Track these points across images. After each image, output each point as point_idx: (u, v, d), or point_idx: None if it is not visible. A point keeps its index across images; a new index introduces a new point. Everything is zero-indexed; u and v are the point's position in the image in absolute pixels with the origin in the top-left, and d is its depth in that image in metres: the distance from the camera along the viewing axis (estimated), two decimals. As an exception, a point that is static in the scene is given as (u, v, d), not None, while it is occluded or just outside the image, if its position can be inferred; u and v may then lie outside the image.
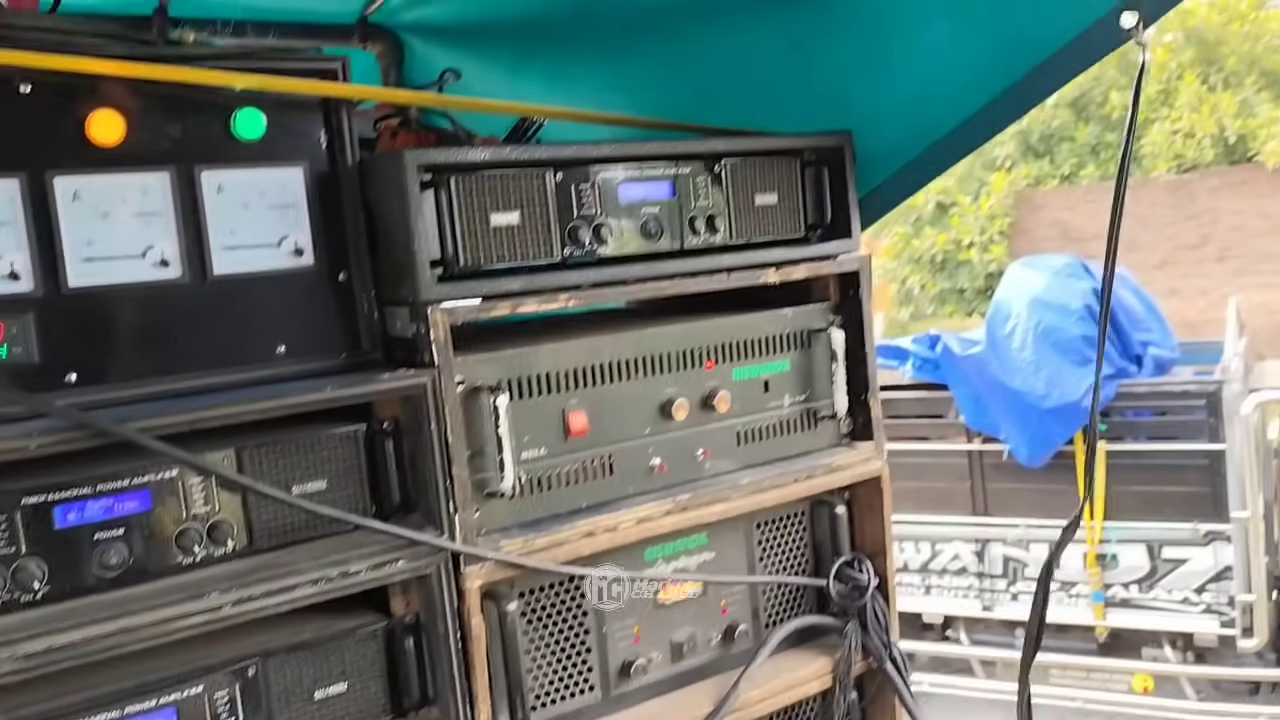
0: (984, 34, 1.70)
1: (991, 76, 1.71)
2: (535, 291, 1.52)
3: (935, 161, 1.88)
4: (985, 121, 1.77)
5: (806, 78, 1.93)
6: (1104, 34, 1.55)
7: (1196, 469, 7.48)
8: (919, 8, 1.73)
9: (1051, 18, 1.60)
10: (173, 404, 1.31)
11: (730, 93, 2.06)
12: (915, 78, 1.80)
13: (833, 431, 1.87)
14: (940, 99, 1.79)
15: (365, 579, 1.38)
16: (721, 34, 2.02)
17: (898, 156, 1.88)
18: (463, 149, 1.47)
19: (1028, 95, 1.71)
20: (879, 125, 1.83)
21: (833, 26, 1.85)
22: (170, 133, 1.38)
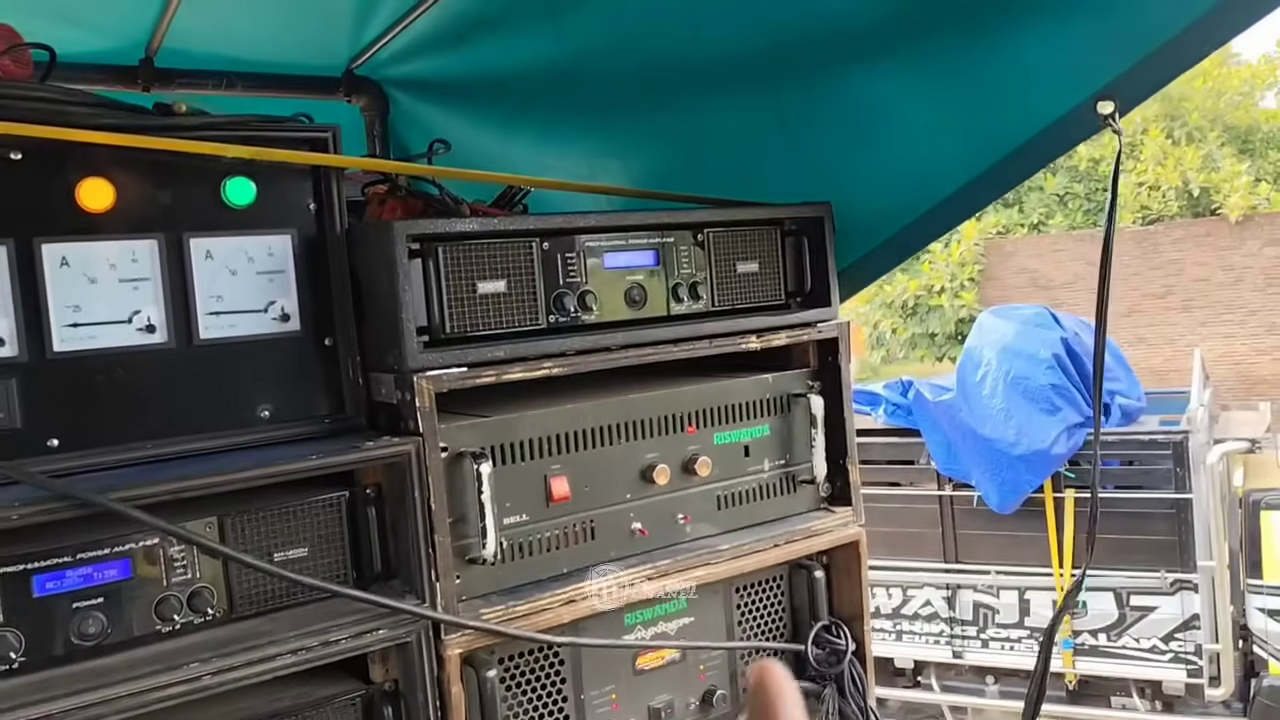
0: (963, 120, 1.75)
1: (970, 160, 1.76)
2: (520, 359, 1.53)
3: (916, 236, 1.92)
4: (965, 200, 1.81)
5: (793, 153, 1.97)
6: (1081, 120, 1.59)
7: (1163, 518, 7.57)
8: (899, 94, 1.78)
9: (1029, 105, 1.65)
10: (156, 471, 1.31)
11: (719, 164, 2.10)
12: (896, 158, 1.85)
13: (812, 496, 1.88)
14: (920, 179, 1.83)
15: (346, 648, 1.37)
16: (711, 108, 2.07)
17: (879, 231, 1.92)
18: (451, 220, 1.48)
19: (1006, 177, 1.76)
20: (862, 200, 1.88)
21: (817, 108, 1.89)
22: (160, 200, 1.39)
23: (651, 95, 2.16)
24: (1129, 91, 1.54)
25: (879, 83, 1.79)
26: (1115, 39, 1.53)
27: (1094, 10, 1.53)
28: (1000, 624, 8.25)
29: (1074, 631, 7.93)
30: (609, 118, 2.30)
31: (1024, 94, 1.64)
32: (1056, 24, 1.58)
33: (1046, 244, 17.54)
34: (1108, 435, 7.74)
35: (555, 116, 2.43)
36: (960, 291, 17.34)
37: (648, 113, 2.20)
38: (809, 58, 1.87)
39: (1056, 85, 1.62)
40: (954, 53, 1.71)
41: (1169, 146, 16.98)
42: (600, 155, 2.38)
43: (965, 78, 1.73)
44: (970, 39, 1.69)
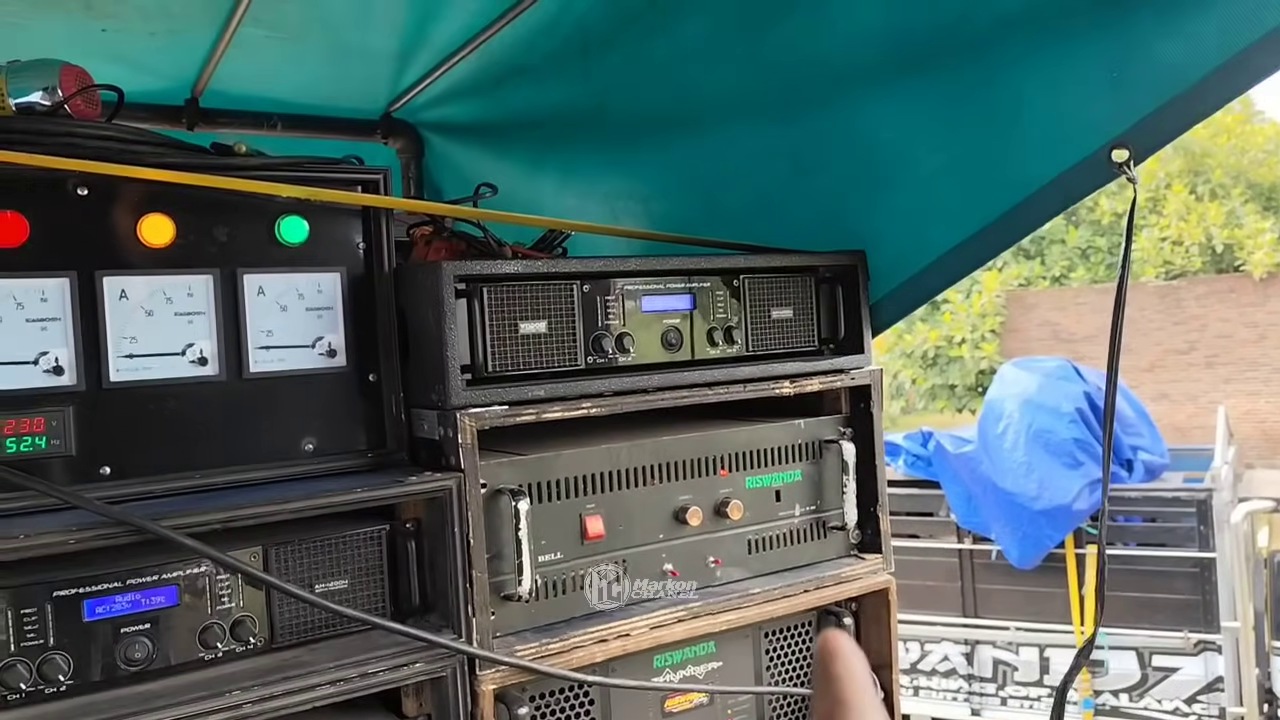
0: (975, 166, 1.77)
1: (984, 205, 1.78)
2: (559, 399, 1.56)
3: (930, 282, 1.94)
4: (979, 246, 1.83)
5: (807, 196, 2.01)
6: (1095, 169, 1.61)
7: (1187, 576, 7.48)
8: (911, 139, 1.81)
9: (1042, 152, 1.67)
10: (204, 500, 1.34)
11: (738, 206, 2.14)
12: (909, 203, 1.88)
13: (842, 542, 1.89)
14: (933, 224, 1.86)
15: (383, 680, 1.39)
16: (729, 150, 2.11)
17: (893, 276, 1.95)
18: (497, 262, 1.52)
19: (1021, 224, 1.78)
20: (877, 244, 1.91)
21: (830, 151, 1.94)
22: (217, 236, 1.43)
23: (669, 137, 2.21)
24: (1143, 140, 1.56)
25: (890, 127, 1.83)
26: (1129, 88, 1.55)
27: (1107, 59, 1.55)
28: (1019, 682, 8.13)
29: (1094, 691, 7.81)
30: (629, 158, 2.36)
31: (1037, 141, 1.66)
32: (1070, 72, 1.60)
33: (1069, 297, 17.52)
34: (1130, 491, 7.68)
35: (578, 157, 2.49)
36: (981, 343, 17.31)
37: (666, 153, 2.26)
38: (820, 101, 1.92)
39: (1070, 133, 1.64)
40: (965, 98, 1.74)
41: (1192, 202, 16.99)
42: (622, 197, 2.43)
43: (976, 124, 1.76)
44: (981, 86, 1.72)
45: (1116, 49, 1.54)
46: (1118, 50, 1.54)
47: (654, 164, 2.34)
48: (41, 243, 1.32)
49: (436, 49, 2.45)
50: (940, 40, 1.71)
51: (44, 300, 1.32)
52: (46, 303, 1.32)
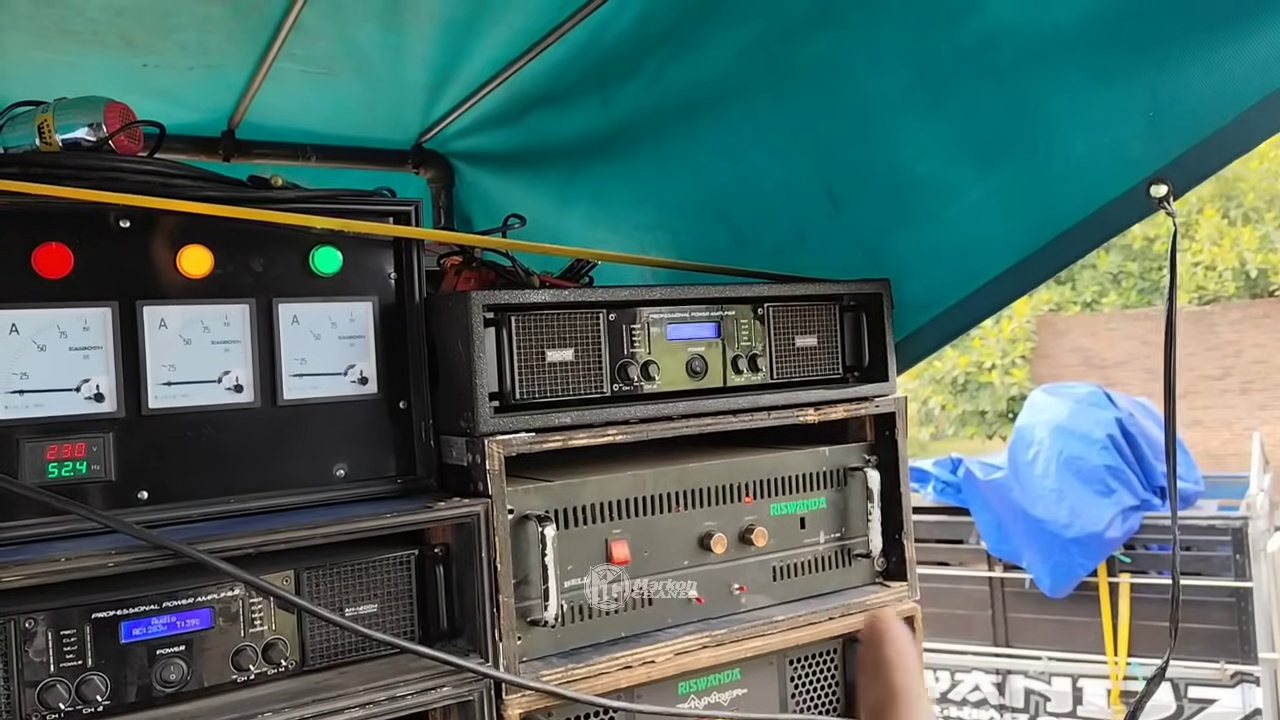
0: (1013, 200, 1.78)
1: (1021, 239, 1.79)
2: (586, 426, 1.58)
3: (966, 315, 1.95)
4: (1015, 279, 1.84)
5: (841, 230, 2.03)
6: (1134, 203, 1.63)
7: (1222, 606, 7.36)
8: (949, 172, 1.83)
9: (1082, 188, 1.68)
10: (238, 525, 1.37)
11: (770, 239, 2.16)
12: (946, 236, 1.89)
13: (867, 570, 1.90)
14: (970, 257, 1.87)
15: (411, 704, 1.41)
16: (758, 182, 2.13)
17: (929, 308, 1.96)
18: (525, 291, 1.55)
19: (1058, 257, 1.79)
20: (912, 276, 1.92)
21: (866, 184, 1.95)
22: (253, 267, 1.47)
23: (697, 168, 2.24)
24: (1182, 176, 1.57)
25: (926, 161, 1.85)
26: (1167, 125, 1.56)
27: (1144, 97, 1.57)
28: (1052, 713, 8.02)
29: (1130, 722, 7.67)
30: (658, 188, 2.38)
31: (1076, 176, 1.68)
32: (1107, 109, 1.62)
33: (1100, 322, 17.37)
34: (1162, 519, 7.59)
35: (606, 187, 2.52)
36: (1011, 369, 17.18)
37: (695, 185, 2.28)
38: (853, 133, 1.93)
39: (1108, 168, 1.65)
40: (1001, 133, 1.76)
41: (1225, 227, 16.84)
42: (651, 229, 2.45)
43: (1015, 159, 1.77)
44: (1019, 120, 1.73)
45: (1153, 87, 1.55)
46: (1154, 88, 1.55)
47: (683, 196, 2.36)
48: (85, 274, 1.36)
49: (466, 81, 2.50)
50: (967, 69, 1.73)
51: (86, 329, 1.36)
52: (89, 331, 1.36)
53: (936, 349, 2.06)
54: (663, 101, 2.23)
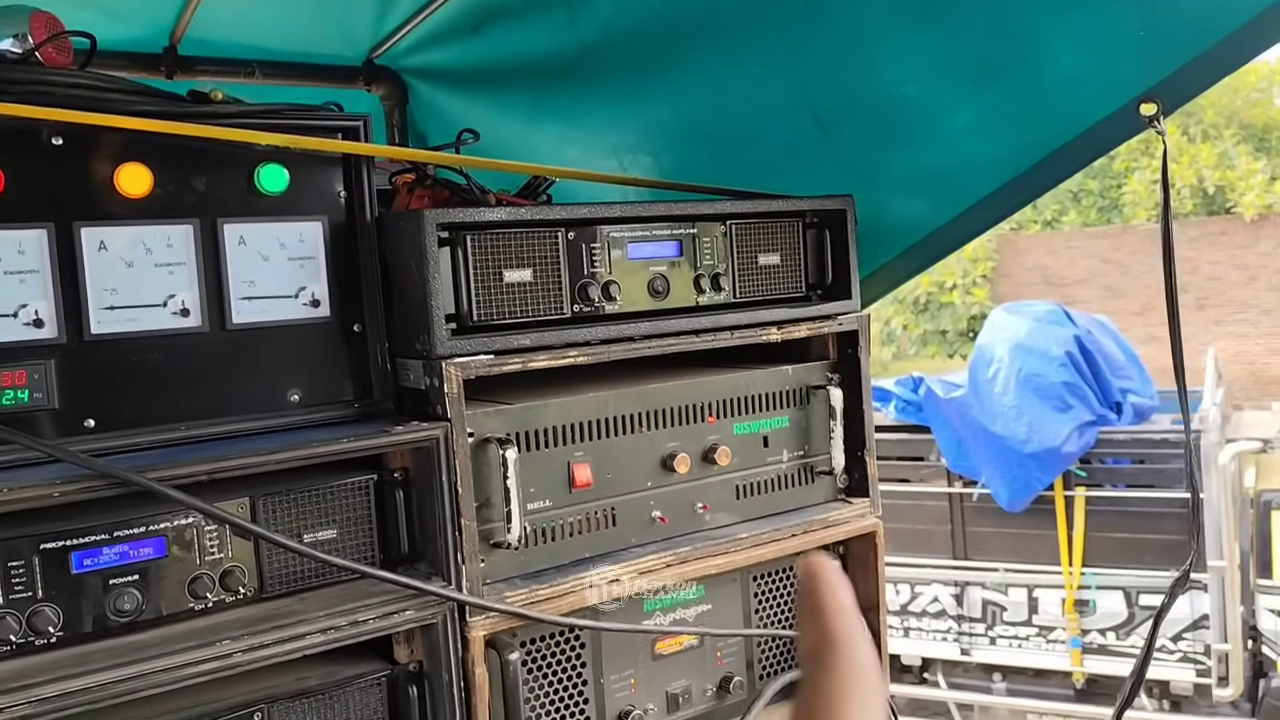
0: (1004, 121, 1.76)
1: (1010, 160, 1.78)
2: (545, 347, 1.55)
3: (955, 235, 1.94)
4: (1002, 201, 1.83)
5: (826, 152, 1.99)
6: (1123, 122, 1.61)
7: (1174, 517, 7.56)
8: (939, 95, 1.79)
9: (1072, 107, 1.66)
10: (190, 452, 1.34)
11: (755, 161, 2.11)
12: (934, 158, 1.87)
13: (829, 487, 1.90)
14: (960, 178, 1.85)
15: (373, 628, 1.40)
16: (741, 102, 2.08)
17: (918, 229, 1.94)
18: (480, 209, 1.51)
19: (1046, 178, 1.78)
20: (900, 198, 1.89)
21: (853, 106, 1.90)
22: (196, 186, 1.41)
23: (676, 88, 2.17)
24: (1172, 94, 1.56)
25: (919, 82, 1.81)
26: (1159, 42, 1.54)
27: (1137, 14, 1.54)
28: (1008, 622, 8.25)
29: (1082, 630, 7.94)
30: (636, 111, 2.32)
31: (1066, 96, 1.66)
32: (1099, 27, 1.59)
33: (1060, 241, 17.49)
34: (1118, 434, 7.75)
35: (579, 108, 2.45)
36: (972, 288, 17.30)
37: (673, 106, 2.22)
38: (842, 55, 1.88)
39: (1099, 88, 1.63)
40: (993, 54, 1.72)
41: (1184, 144, 16.91)
42: (629, 150, 2.39)
43: (1005, 79, 1.74)
44: (1009, 40, 1.70)
45: (1145, 4, 1.53)
46: (1146, 6, 1.53)
47: (662, 118, 2.30)
48: (17, 194, 1.30)
49: (417, -8, 2.41)
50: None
51: (21, 252, 1.30)
52: (24, 255, 1.30)
53: (923, 269, 2.05)
54: (636, 23, 2.15)
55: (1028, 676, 8.40)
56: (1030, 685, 8.39)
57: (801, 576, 0.67)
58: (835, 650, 0.64)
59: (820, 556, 0.68)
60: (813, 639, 0.65)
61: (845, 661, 0.64)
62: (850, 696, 0.62)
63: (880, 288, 2.17)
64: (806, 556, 0.66)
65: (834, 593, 0.66)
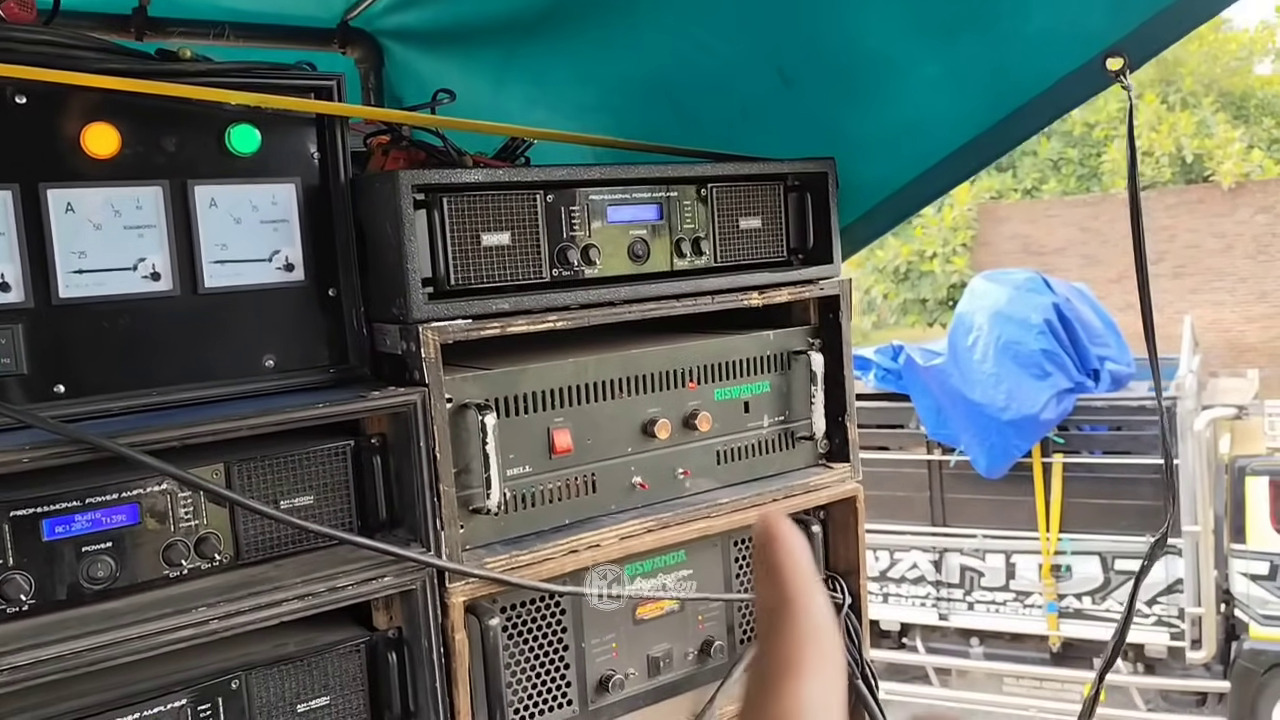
0: (971, 75, 1.74)
1: (976, 115, 1.76)
2: (524, 312, 1.53)
3: (920, 193, 1.92)
4: (969, 157, 1.81)
5: (793, 107, 1.96)
6: (1090, 77, 1.59)
7: (1150, 483, 7.64)
8: (907, 48, 1.77)
9: (1039, 61, 1.64)
10: (163, 418, 1.32)
11: (715, 117, 2.09)
12: (901, 112, 1.84)
13: (810, 452, 1.90)
14: (926, 134, 1.83)
15: (351, 594, 1.39)
16: (701, 58, 2.05)
17: (883, 187, 1.92)
18: (456, 170, 1.48)
19: (1012, 133, 1.76)
20: (865, 155, 1.87)
21: (820, 60, 1.88)
22: (165, 147, 1.38)
23: (639, 46, 2.14)
24: (1138, 48, 1.54)
25: (886, 36, 1.79)
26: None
27: None
28: (986, 587, 8.35)
29: (1059, 595, 8.04)
30: (599, 69, 2.28)
31: (1032, 50, 1.64)
32: None
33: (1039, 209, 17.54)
34: (1096, 401, 7.81)
35: (546, 66, 2.41)
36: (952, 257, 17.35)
37: (637, 64, 2.18)
38: (806, 8, 1.86)
39: (1065, 42, 1.61)
40: (958, 7, 1.70)
41: (1163, 112, 16.95)
42: (593, 110, 2.36)
43: (970, 33, 1.72)
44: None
45: None
46: None
47: (625, 75, 2.26)
48: (-21, 154, 1.26)
49: (392, -48, 2.36)
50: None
51: (-15, 214, 1.27)
52: (-12, 217, 1.27)
53: (888, 229, 2.04)
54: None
55: (1005, 641, 8.51)
56: (1007, 649, 8.50)
57: (757, 535, 0.66)
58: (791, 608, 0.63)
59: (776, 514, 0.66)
60: (769, 597, 0.65)
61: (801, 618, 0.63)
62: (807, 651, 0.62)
63: (846, 248, 2.16)
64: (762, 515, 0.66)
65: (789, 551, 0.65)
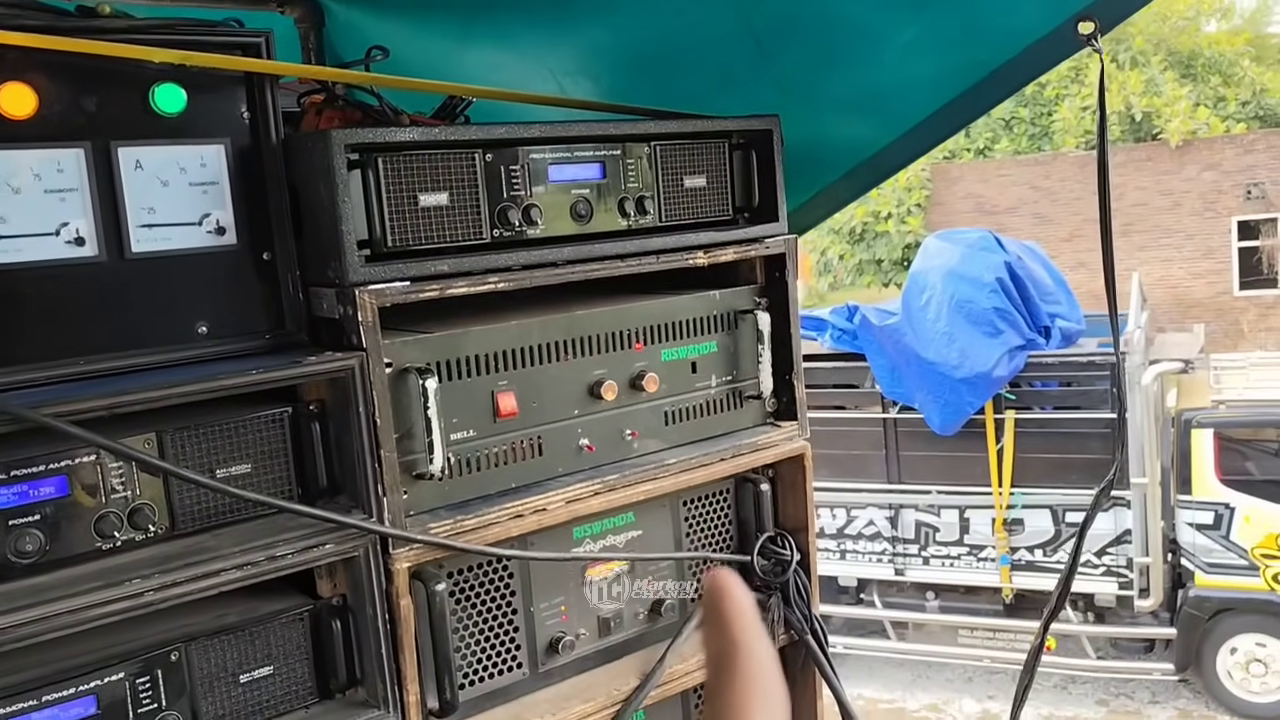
0: (944, 40, 1.74)
1: (949, 81, 1.77)
2: (464, 274, 1.51)
3: (898, 155, 1.93)
4: (942, 122, 1.82)
5: (766, 73, 1.94)
6: (1062, 41, 1.61)
7: (1099, 437, 7.79)
8: (880, 14, 1.76)
9: (1012, 25, 1.65)
10: (90, 387, 1.28)
11: (689, 84, 2.06)
12: (875, 79, 1.84)
13: (758, 411, 1.90)
14: (903, 98, 1.83)
15: (292, 563, 1.37)
16: (679, 27, 2.02)
17: (862, 149, 1.92)
18: (390, 129, 1.45)
19: (984, 99, 1.77)
20: (843, 120, 1.87)
21: (794, 25, 1.86)
22: (85, 107, 1.33)
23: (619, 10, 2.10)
24: (1109, 12, 1.56)
25: (861, 2, 1.77)
26: None
27: None
28: (941, 542, 8.49)
29: (1011, 548, 8.19)
30: (574, 34, 2.24)
31: (1005, 15, 1.65)
32: None
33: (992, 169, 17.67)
34: (1046, 357, 7.93)
35: (514, 31, 2.36)
36: (907, 217, 17.45)
37: (611, 29, 2.14)
38: None
39: (1037, 6, 1.62)
40: None
41: (1113, 70, 17.09)
42: (571, 74, 2.31)
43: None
44: None
45: None
46: None
47: (601, 41, 2.22)
48: (-114, 115, 1.21)
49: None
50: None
51: (-105, 178, 1.22)
52: (-102, 181, 1.22)
53: (864, 192, 2.04)
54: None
55: (959, 594, 8.68)
56: (961, 602, 8.67)
57: (706, 589, 0.74)
58: (738, 656, 0.69)
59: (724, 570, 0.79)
60: (717, 646, 0.71)
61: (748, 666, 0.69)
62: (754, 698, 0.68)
63: (820, 211, 2.16)
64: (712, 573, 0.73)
65: (737, 602, 0.71)
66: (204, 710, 1.36)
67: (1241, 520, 7.53)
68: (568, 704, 1.65)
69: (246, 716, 1.40)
